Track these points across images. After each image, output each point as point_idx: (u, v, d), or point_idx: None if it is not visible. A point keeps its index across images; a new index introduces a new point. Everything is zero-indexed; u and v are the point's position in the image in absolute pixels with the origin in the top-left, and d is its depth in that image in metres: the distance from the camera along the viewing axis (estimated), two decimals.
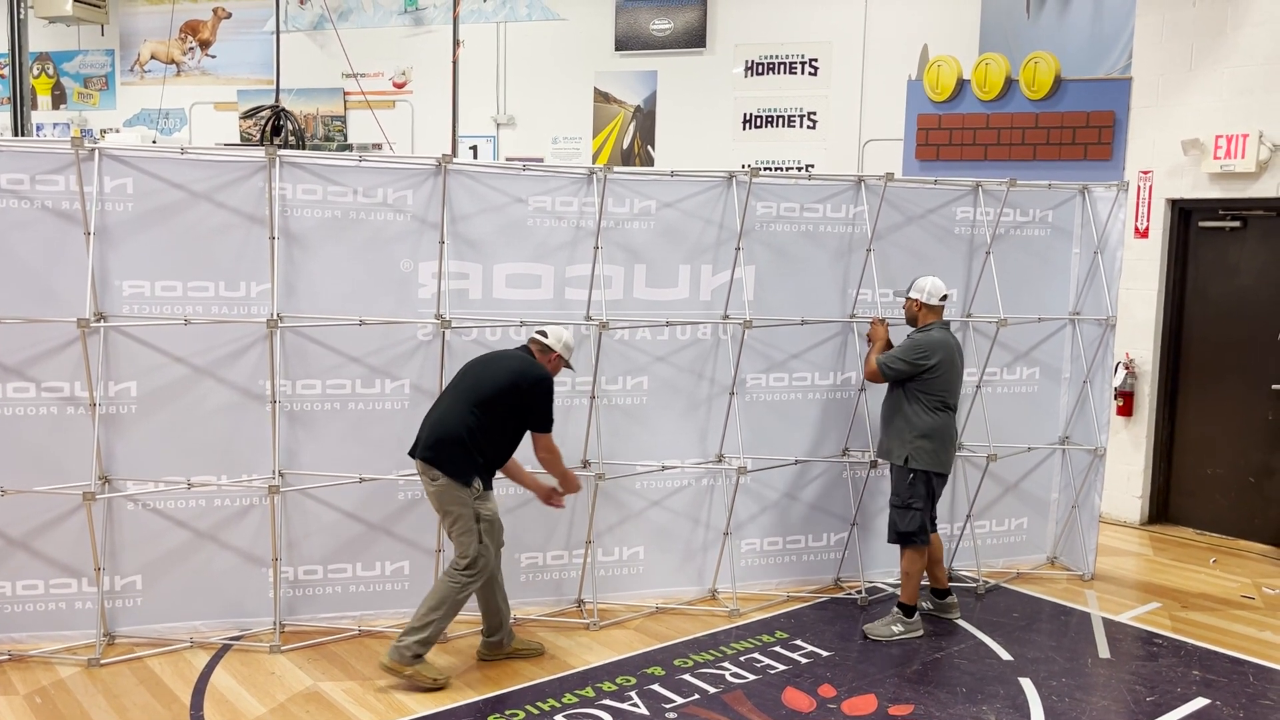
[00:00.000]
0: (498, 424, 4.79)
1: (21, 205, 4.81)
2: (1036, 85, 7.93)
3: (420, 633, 4.73)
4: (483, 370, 4.86)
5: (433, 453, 4.72)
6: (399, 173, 5.28)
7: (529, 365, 4.86)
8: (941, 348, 5.39)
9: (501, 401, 4.76)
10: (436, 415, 4.83)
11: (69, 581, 5.08)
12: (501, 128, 12.05)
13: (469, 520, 4.74)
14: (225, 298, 5.10)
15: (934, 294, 5.47)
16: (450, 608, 4.77)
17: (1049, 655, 5.34)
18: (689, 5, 11.39)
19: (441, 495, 4.74)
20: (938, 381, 5.38)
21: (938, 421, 5.39)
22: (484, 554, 4.80)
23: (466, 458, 4.73)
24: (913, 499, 5.41)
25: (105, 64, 13.44)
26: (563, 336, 5.01)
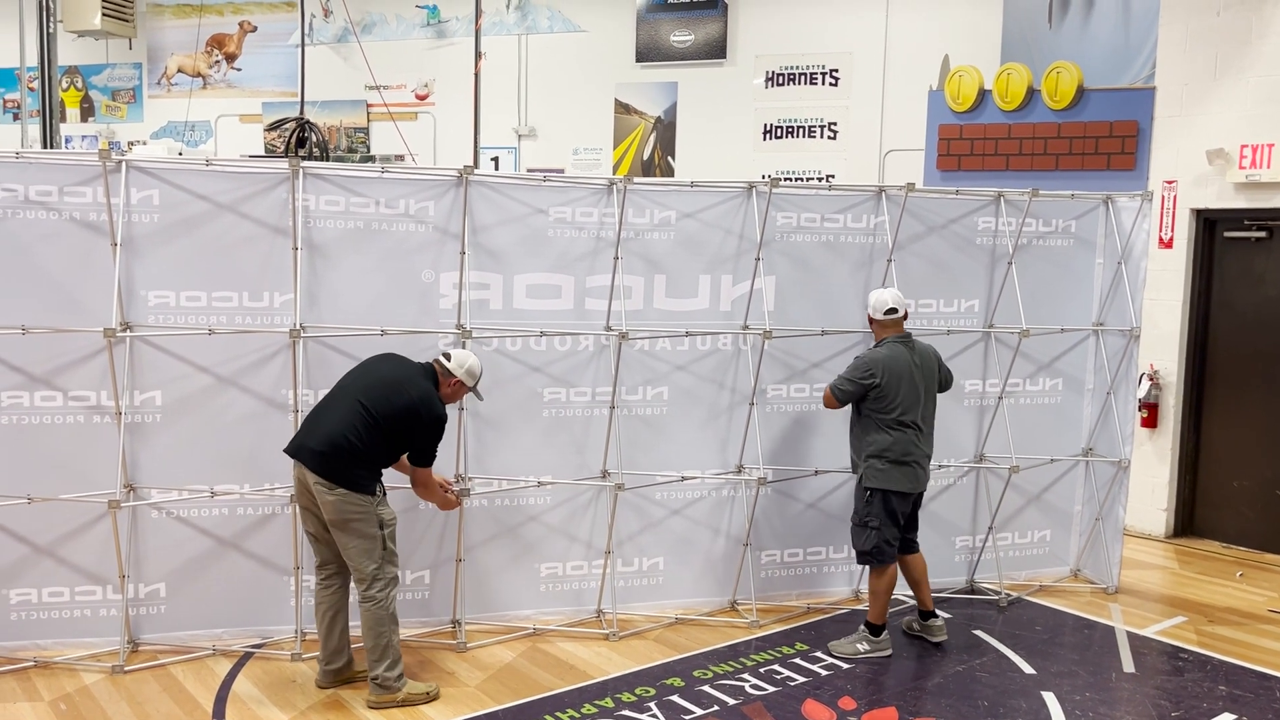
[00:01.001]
0: (388, 443, 4.64)
1: (50, 217, 4.88)
2: (1059, 95, 7.89)
3: (383, 661, 4.67)
4: (387, 388, 4.64)
5: (326, 464, 4.52)
6: (421, 184, 5.32)
7: (430, 401, 4.67)
8: (887, 365, 5.23)
9: (396, 426, 4.61)
10: (331, 424, 4.58)
11: (94, 589, 5.13)
12: (523, 139, 12.11)
13: (371, 528, 4.59)
14: (249, 308, 5.14)
15: (877, 308, 5.36)
16: (389, 623, 4.67)
17: (1072, 669, 5.29)
18: (710, 17, 11.43)
19: (339, 505, 4.53)
20: (886, 400, 5.23)
21: (889, 439, 5.24)
22: (390, 561, 4.68)
23: (364, 467, 4.59)
24: (869, 517, 5.31)
25: (133, 77, 13.61)
26: (465, 362, 4.81)
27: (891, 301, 5.35)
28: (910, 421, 5.28)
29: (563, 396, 5.60)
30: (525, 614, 5.68)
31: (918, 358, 5.35)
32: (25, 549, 5.01)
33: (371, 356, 4.92)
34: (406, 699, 4.71)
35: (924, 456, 5.36)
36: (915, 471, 5.31)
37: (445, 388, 4.81)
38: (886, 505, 5.29)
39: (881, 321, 5.38)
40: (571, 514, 5.71)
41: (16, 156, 4.86)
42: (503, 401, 5.51)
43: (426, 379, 4.76)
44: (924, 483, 5.40)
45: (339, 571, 4.77)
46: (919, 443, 5.32)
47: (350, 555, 4.63)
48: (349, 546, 4.61)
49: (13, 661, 4.96)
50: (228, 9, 13.05)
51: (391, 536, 4.71)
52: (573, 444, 5.64)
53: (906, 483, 5.29)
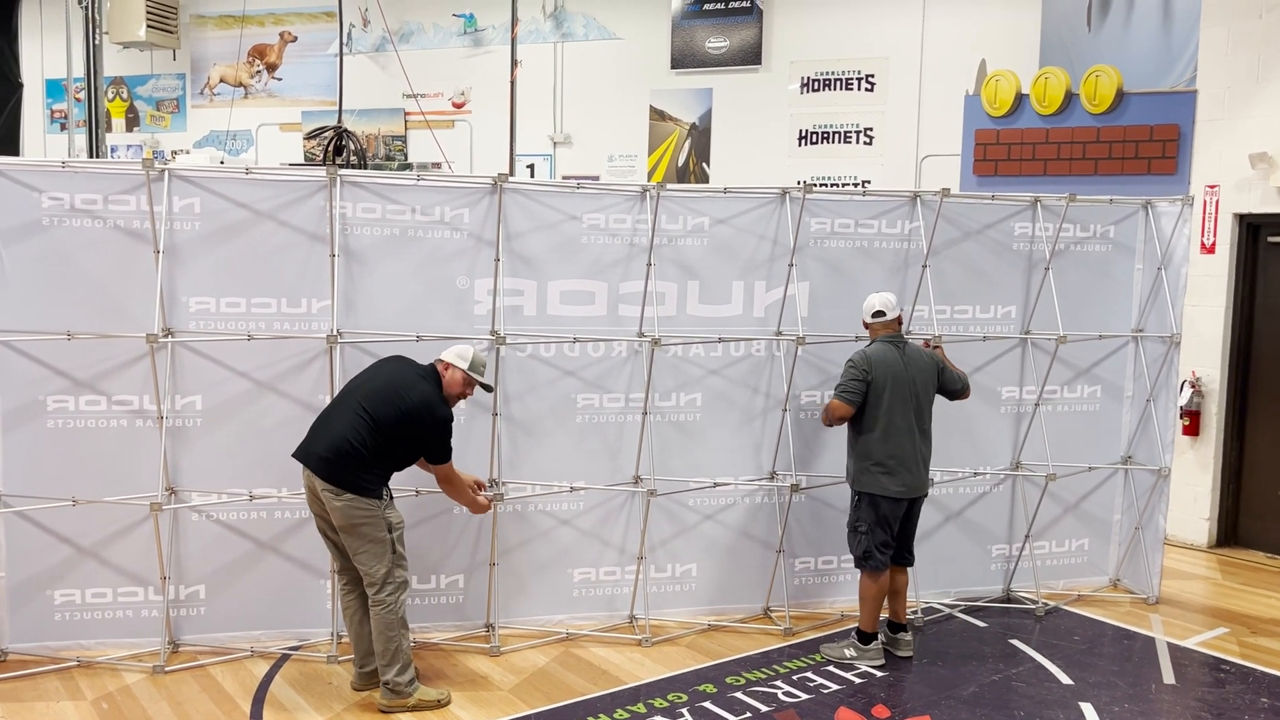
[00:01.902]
0: (392, 447, 4.64)
1: (95, 225, 4.98)
2: (1098, 99, 7.81)
3: (394, 665, 4.67)
4: (388, 393, 4.64)
5: (332, 470, 4.55)
6: (456, 191, 5.37)
7: (432, 403, 4.66)
8: (875, 361, 5.19)
9: (398, 432, 4.61)
10: (336, 429, 4.60)
11: (136, 590, 5.22)
12: (558, 146, 12.18)
13: (380, 531, 4.60)
14: (287, 314, 5.21)
15: (866, 310, 5.36)
16: (399, 627, 4.67)
17: (1111, 680, 5.22)
18: (745, 23, 11.43)
19: (347, 510, 4.56)
20: (877, 400, 5.17)
21: (876, 442, 5.17)
22: (399, 565, 4.68)
23: (371, 471, 4.60)
24: (858, 522, 5.27)
25: (176, 87, 13.85)
26: (468, 356, 4.80)
27: (879, 304, 5.32)
28: (899, 424, 5.18)
29: (596, 402, 5.62)
30: (558, 619, 5.70)
31: (906, 358, 5.26)
32: (70, 550, 5.11)
33: (378, 360, 4.94)
34: (418, 704, 4.71)
35: (916, 461, 5.23)
36: (906, 476, 5.19)
37: (449, 386, 4.79)
38: (876, 510, 5.22)
39: (871, 325, 5.35)
40: (604, 519, 5.73)
41: (63, 166, 4.98)
42: (536, 407, 5.55)
43: (429, 381, 4.75)
44: (917, 489, 5.26)
45: (357, 576, 4.79)
46: (910, 446, 5.20)
47: (360, 559, 4.65)
48: (358, 551, 4.63)
49: (56, 661, 5.06)
50: (269, 20, 13.25)
51: (400, 540, 4.71)
52: (606, 449, 5.66)
53: (896, 487, 5.19)
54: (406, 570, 4.77)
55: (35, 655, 5.08)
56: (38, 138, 14.46)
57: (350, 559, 4.73)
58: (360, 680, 4.90)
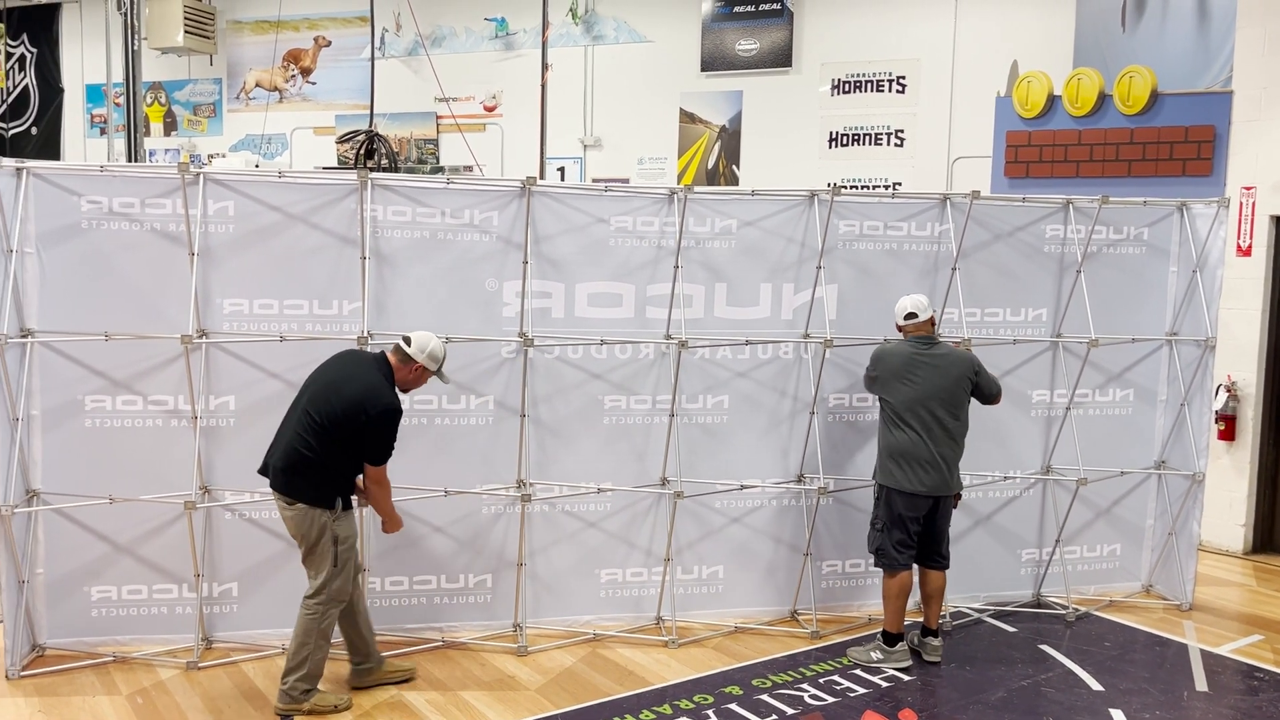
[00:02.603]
0: (339, 448, 4.52)
1: (132, 228, 5.07)
2: (1131, 100, 7.74)
3: (298, 670, 4.62)
4: (327, 390, 4.54)
5: (284, 479, 4.53)
6: (485, 194, 5.41)
7: (374, 392, 4.50)
8: (883, 358, 5.28)
9: (341, 429, 4.47)
10: (286, 437, 4.57)
11: (170, 587, 5.30)
12: (588, 149, 12.22)
13: (326, 544, 4.56)
14: (319, 315, 5.28)
15: (898, 312, 5.38)
16: (318, 637, 4.61)
17: (1142, 687, 5.17)
18: (775, 25, 11.42)
19: (298, 520, 4.54)
20: (887, 397, 5.25)
21: (892, 438, 5.21)
22: (335, 578, 4.60)
23: (321, 481, 4.53)
24: (875, 517, 5.33)
25: (213, 92, 14.05)
26: (427, 346, 4.66)
27: (910, 306, 5.35)
28: (913, 421, 5.16)
29: (623, 404, 5.65)
30: (585, 619, 5.72)
31: (934, 358, 5.24)
32: (106, 547, 5.20)
33: (327, 359, 4.78)
34: (313, 709, 4.67)
35: (933, 460, 5.16)
36: (921, 473, 5.15)
37: (404, 374, 4.67)
38: (891, 506, 5.22)
39: (904, 327, 5.36)
40: (631, 521, 5.75)
41: (101, 170, 5.07)
42: (564, 409, 5.58)
43: (376, 370, 4.61)
44: (939, 488, 5.20)
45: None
46: (927, 444, 5.16)
47: (306, 562, 4.65)
48: (305, 556, 4.63)
49: (93, 656, 5.15)
50: (303, 25, 13.41)
51: (347, 553, 4.63)
52: (633, 451, 5.68)
53: (909, 482, 5.15)
54: (345, 584, 4.66)
55: (72, 650, 5.18)
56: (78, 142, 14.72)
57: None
58: (355, 677, 4.93)
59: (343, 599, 4.68)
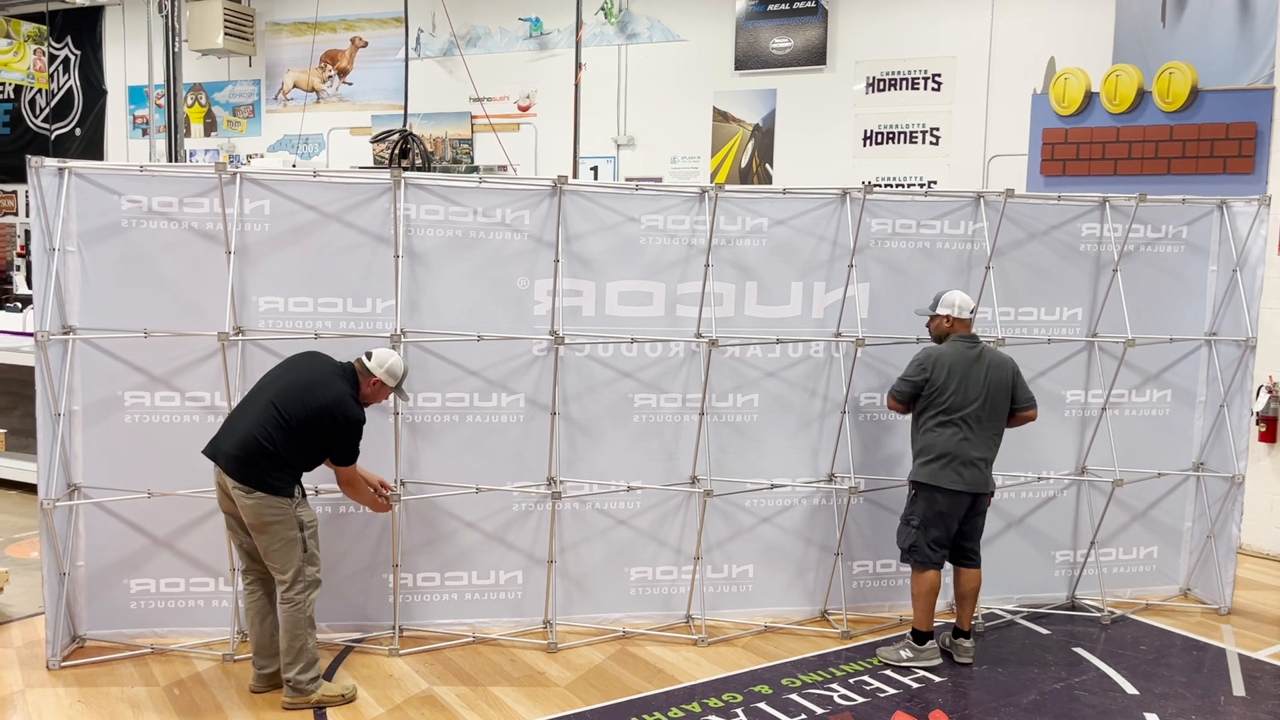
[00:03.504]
0: (303, 445, 4.60)
1: (170, 227, 5.16)
2: (1171, 97, 7.63)
3: (298, 664, 4.66)
4: (299, 390, 4.60)
5: (242, 468, 4.52)
6: (517, 194, 5.44)
7: (343, 402, 4.60)
8: (941, 359, 5.19)
9: (308, 430, 4.56)
10: (244, 426, 4.58)
11: (207, 580, 5.38)
12: (621, 148, 12.24)
13: (290, 530, 4.59)
14: (352, 313, 5.34)
15: (964, 308, 5.30)
16: (305, 626, 4.66)
17: (1178, 691, 5.10)
18: (809, 23, 11.38)
19: (258, 509, 4.54)
20: (940, 396, 5.17)
21: (936, 436, 5.17)
22: (307, 563, 4.66)
23: (281, 470, 4.57)
24: (910, 515, 5.26)
25: (252, 93, 14.23)
26: (386, 362, 4.74)
27: (962, 302, 5.30)
28: (961, 419, 5.15)
29: (653, 402, 5.66)
30: (615, 617, 5.74)
31: (982, 358, 5.24)
32: (145, 541, 5.29)
33: (292, 355, 4.88)
34: (321, 700, 4.71)
35: (976, 459, 5.18)
36: (965, 471, 5.15)
37: (366, 387, 4.75)
38: (931, 504, 5.19)
39: (964, 321, 5.29)
40: (661, 519, 5.76)
41: (140, 170, 5.16)
42: (594, 407, 5.60)
43: (344, 380, 4.70)
44: (979, 485, 5.20)
45: (262, 576, 4.77)
46: (972, 442, 5.16)
47: (270, 557, 4.63)
48: (269, 549, 4.61)
49: (132, 648, 5.24)
50: (340, 26, 13.55)
51: (312, 537, 4.68)
52: (662, 450, 5.69)
53: (951, 480, 5.14)
54: (318, 568, 4.74)
55: (111, 642, 5.28)
56: (121, 143, 14.98)
57: (259, 558, 4.72)
58: (258, 682, 4.85)
59: (318, 582, 4.74)
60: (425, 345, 5.37)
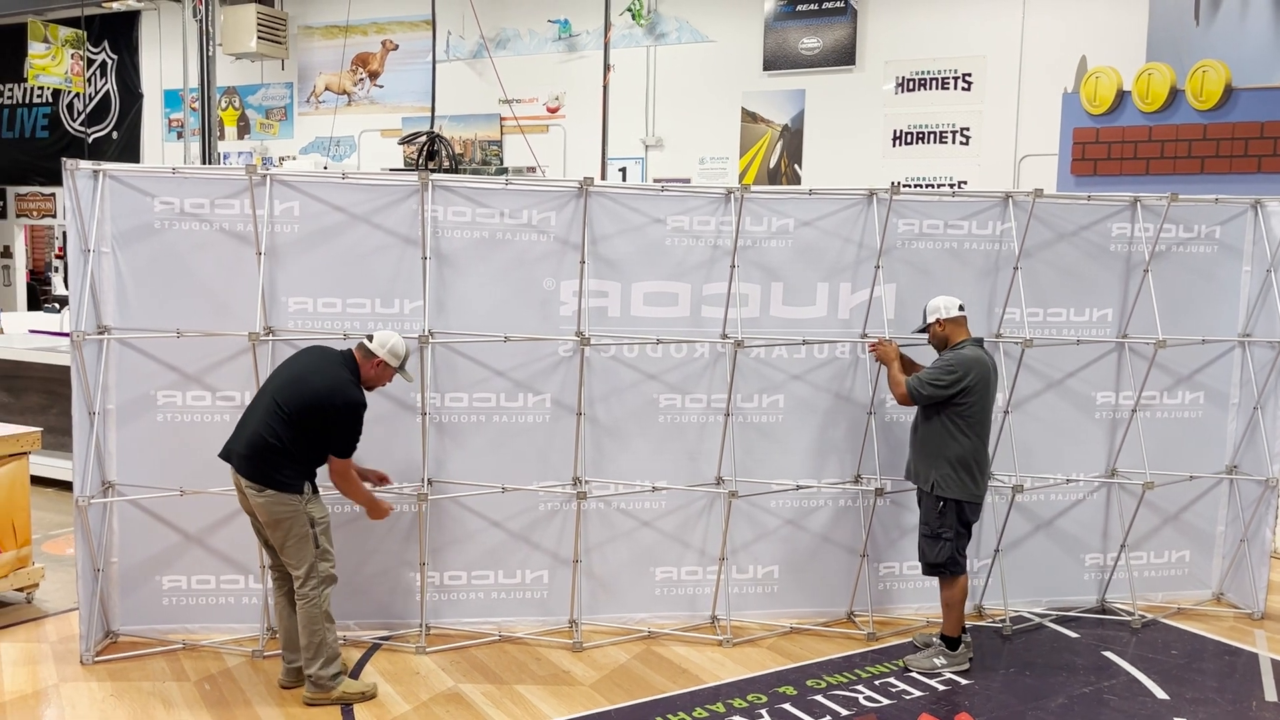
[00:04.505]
0: (306, 437, 4.60)
1: (202, 228, 5.23)
2: (1204, 95, 7.54)
3: (318, 659, 4.68)
4: (296, 383, 4.62)
5: (252, 466, 4.57)
6: (543, 195, 5.47)
7: (340, 386, 4.60)
8: (975, 365, 5.09)
9: (307, 419, 4.56)
10: (252, 425, 4.62)
11: (237, 577, 5.45)
12: (650, 149, 12.26)
13: (302, 526, 4.61)
14: (381, 314, 5.38)
15: (949, 308, 5.21)
16: (322, 621, 4.67)
17: (1209, 696, 5.04)
18: (839, 23, 11.35)
19: (270, 506, 4.57)
20: (972, 403, 5.08)
21: (969, 446, 5.11)
22: (320, 559, 4.67)
23: (289, 466, 4.58)
24: (942, 529, 5.16)
25: (284, 96, 14.39)
26: (388, 342, 4.74)
27: (949, 302, 5.23)
28: (981, 427, 5.17)
29: (678, 403, 5.67)
30: (640, 617, 5.75)
31: (992, 362, 5.28)
32: (177, 538, 5.37)
33: (294, 354, 4.90)
34: (342, 698, 4.73)
35: (989, 465, 5.32)
36: (984, 479, 5.21)
37: (368, 370, 4.75)
38: (961, 516, 5.16)
39: (956, 319, 5.21)
40: (686, 520, 5.76)
41: (173, 172, 5.24)
42: (619, 408, 5.62)
43: (343, 366, 4.70)
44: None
45: (286, 572, 4.79)
46: (986, 448, 5.26)
47: (284, 553, 4.67)
48: (283, 545, 4.64)
49: (164, 643, 5.32)
50: (371, 29, 13.67)
51: (324, 533, 4.70)
52: (687, 451, 5.70)
53: (981, 490, 5.19)
54: (332, 564, 4.75)
55: (144, 637, 5.36)
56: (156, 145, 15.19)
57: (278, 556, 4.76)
58: (287, 676, 4.89)
59: (334, 578, 4.75)
60: (452, 346, 5.42)
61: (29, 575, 5.87)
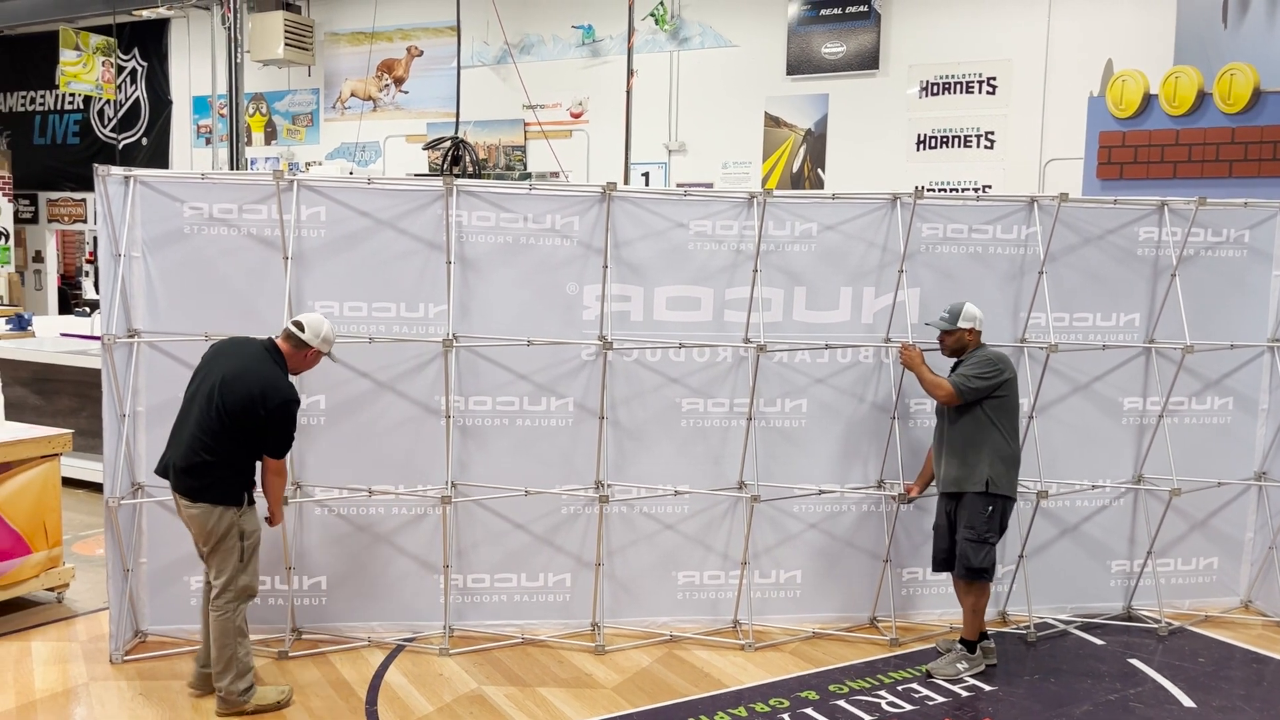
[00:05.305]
0: (242, 444, 4.50)
1: (231, 233, 5.29)
2: (1232, 98, 7.47)
3: (228, 674, 4.59)
4: (224, 386, 4.45)
5: (187, 482, 4.47)
6: (566, 200, 5.50)
7: (273, 385, 4.47)
8: (1008, 363, 5.20)
9: (240, 423, 4.44)
10: (184, 439, 4.50)
11: (263, 579, 5.46)
12: (673, 154, 12.28)
13: (233, 539, 4.51)
14: (405, 318, 5.43)
15: (982, 318, 5.28)
16: (234, 636, 4.57)
17: (1237, 705, 4.99)
18: (862, 27, 11.33)
19: (202, 519, 4.48)
20: (1011, 400, 5.15)
21: (1008, 446, 5.15)
22: (240, 573, 4.56)
23: (224, 479, 4.48)
24: (989, 532, 5.14)
25: (311, 102, 14.51)
26: (321, 330, 4.64)
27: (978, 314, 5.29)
28: (1017, 424, 5.23)
29: (701, 407, 5.67)
30: (662, 620, 5.76)
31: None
32: None
33: (209, 353, 4.72)
34: (258, 708, 4.66)
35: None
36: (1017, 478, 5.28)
37: (297, 360, 4.66)
38: (1004, 516, 5.18)
39: (978, 333, 5.27)
40: (708, 524, 5.77)
41: (202, 178, 5.30)
42: (642, 412, 5.63)
43: (270, 361, 4.58)
44: None
45: None
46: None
47: (209, 562, 4.60)
48: (209, 555, 4.58)
49: (192, 643, 5.36)
50: (397, 35, 13.77)
51: (253, 548, 4.61)
52: (709, 455, 5.70)
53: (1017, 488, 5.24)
54: (252, 580, 4.64)
55: (172, 637, 5.41)
56: (185, 151, 15.36)
57: None
58: (199, 681, 4.81)
59: (252, 593, 4.66)
60: (476, 350, 5.45)
61: (60, 575, 5.95)
